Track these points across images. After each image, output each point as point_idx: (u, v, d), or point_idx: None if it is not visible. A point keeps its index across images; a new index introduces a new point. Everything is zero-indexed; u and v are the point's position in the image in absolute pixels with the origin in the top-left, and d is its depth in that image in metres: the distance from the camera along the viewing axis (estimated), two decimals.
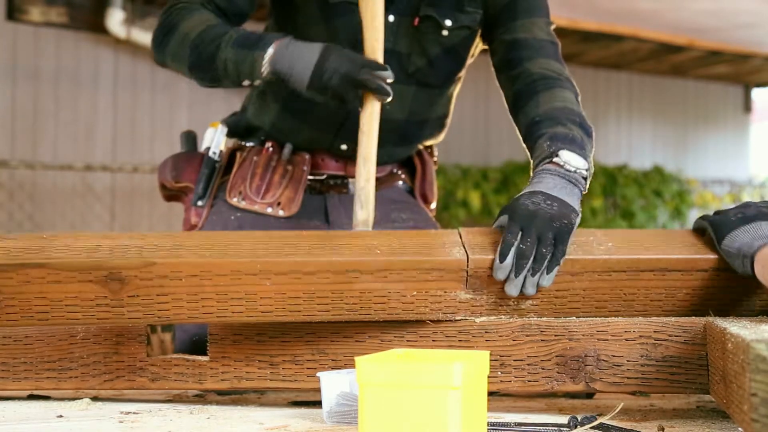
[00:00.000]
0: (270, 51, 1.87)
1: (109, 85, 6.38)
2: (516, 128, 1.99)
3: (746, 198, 8.84)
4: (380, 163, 2.16)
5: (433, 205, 2.36)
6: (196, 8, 1.99)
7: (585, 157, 1.77)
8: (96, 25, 6.21)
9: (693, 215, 8.25)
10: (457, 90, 2.25)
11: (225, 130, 2.22)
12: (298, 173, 2.15)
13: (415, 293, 1.58)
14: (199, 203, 2.17)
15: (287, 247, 1.62)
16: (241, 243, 1.64)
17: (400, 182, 2.30)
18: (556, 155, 1.74)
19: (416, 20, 2.07)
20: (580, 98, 1.97)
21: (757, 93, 9.43)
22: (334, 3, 2.05)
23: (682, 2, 6.34)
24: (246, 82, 1.92)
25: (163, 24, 2.02)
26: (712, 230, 1.59)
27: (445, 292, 1.59)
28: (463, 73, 2.22)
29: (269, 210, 2.12)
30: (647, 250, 1.62)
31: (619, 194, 7.80)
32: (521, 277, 1.56)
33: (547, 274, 1.57)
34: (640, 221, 7.81)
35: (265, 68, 1.87)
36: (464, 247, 1.61)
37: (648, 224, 7.83)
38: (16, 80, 6.09)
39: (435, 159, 2.36)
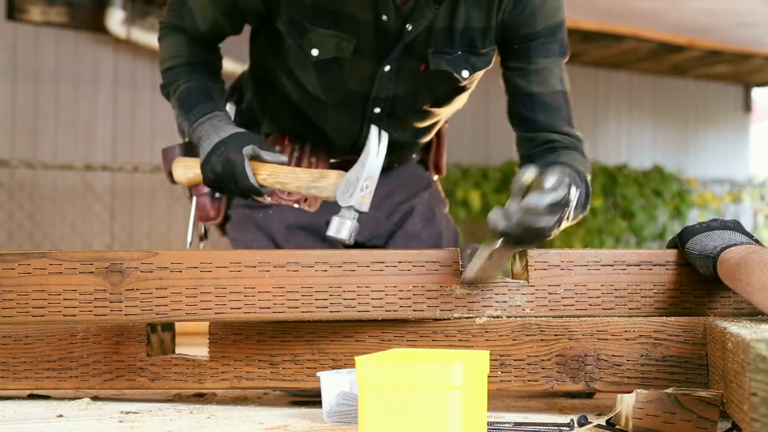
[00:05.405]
0: (195, 125, 1.98)
1: (109, 84, 6.37)
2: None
3: (746, 198, 8.85)
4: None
5: (444, 173, 2.35)
6: (170, 33, 2.08)
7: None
8: (96, 25, 6.21)
9: (693, 215, 8.23)
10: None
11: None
12: (323, 167, 2.11)
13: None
14: (217, 195, 2.13)
15: None
16: None
17: (414, 155, 2.30)
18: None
19: (422, 66, 1.98)
20: (589, 165, 2.01)
21: (757, 93, 9.42)
22: (316, 61, 1.96)
23: (682, 2, 6.33)
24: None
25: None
26: (678, 237, 1.62)
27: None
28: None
29: (296, 206, 2.11)
30: None
31: (619, 194, 7.78)
32: None
33: None
34: (640, 221, 7.79)
35: (189, 133, 2.01)
36: None
37: (648, 224, 7.81)
38: (16, 80, 6.09)
39: (446, 125, 2.33)
